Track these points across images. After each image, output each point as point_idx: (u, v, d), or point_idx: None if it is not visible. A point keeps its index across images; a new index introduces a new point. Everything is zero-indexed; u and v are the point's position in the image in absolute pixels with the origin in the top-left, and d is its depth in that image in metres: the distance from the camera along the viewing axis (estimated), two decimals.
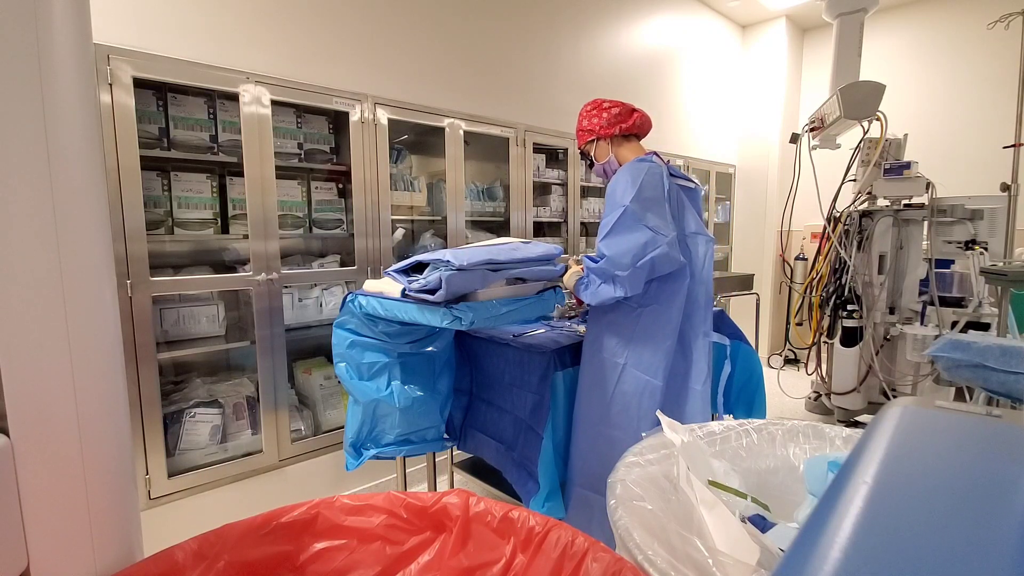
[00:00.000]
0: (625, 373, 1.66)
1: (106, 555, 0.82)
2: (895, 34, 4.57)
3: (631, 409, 1.64)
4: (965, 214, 2.65)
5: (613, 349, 1.68)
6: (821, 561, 0.42)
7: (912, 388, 2.88)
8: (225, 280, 2.03)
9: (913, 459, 0.59)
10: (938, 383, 2.73)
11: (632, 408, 1.65)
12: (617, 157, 1.83)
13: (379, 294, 1.64)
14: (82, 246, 0.77)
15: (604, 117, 1.81)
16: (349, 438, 1.83)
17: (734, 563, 0.66)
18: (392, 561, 0.97)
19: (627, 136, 1.83)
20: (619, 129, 1.81)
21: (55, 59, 0.72)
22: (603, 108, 1.82)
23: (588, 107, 1.86)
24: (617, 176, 1.70)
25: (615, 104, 1.82)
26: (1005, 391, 1.26)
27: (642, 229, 1.60)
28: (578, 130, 1.89)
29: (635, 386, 1.65)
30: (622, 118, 1.81)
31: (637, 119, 1.82)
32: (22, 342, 0.71)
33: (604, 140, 1.82)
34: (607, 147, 1.83)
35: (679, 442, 0.96)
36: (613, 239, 1.61)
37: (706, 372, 1.71)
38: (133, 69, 1.74)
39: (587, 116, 1.85)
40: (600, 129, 1.81)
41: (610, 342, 1.69)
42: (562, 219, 3.34)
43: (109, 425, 0.83)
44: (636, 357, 1.66)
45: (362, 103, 2.30)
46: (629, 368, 1.66)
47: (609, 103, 1.83)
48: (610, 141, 1.83)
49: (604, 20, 3.59)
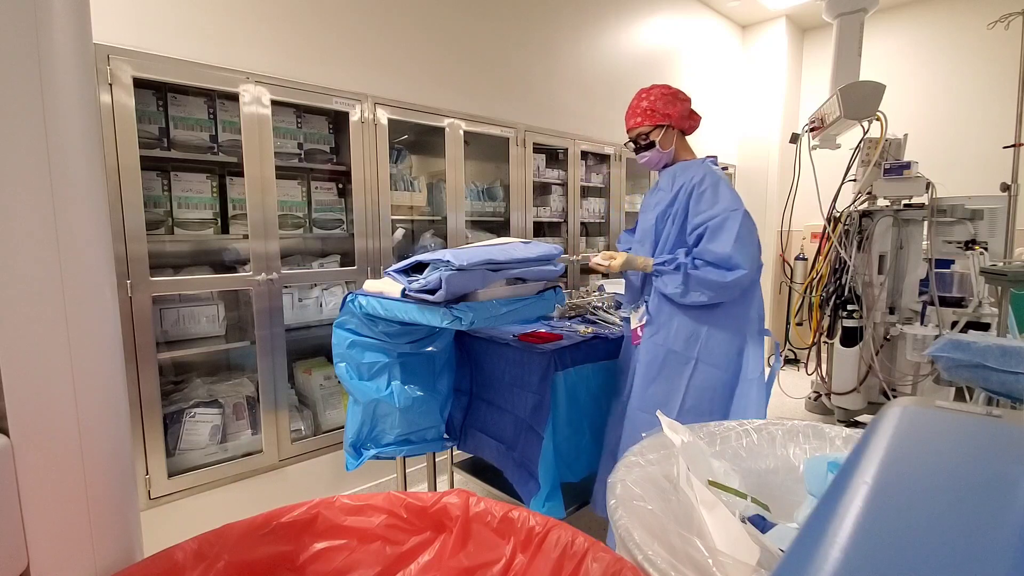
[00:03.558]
0: (698, 368, 1.69)
1: (106, 555, 0.82)
2: (895, 34, 4.57)
3: (703, 403, 1.68)
4: (965, 214, 2.64)
5: (685, 344, 1.70)
6: (821, 561, 0.42)
7: (912, 388, 2.88)
8: (225, 280, 2.03)
9: (913, 459, 0.59)
10: (938, 383, 2.73)
11: (704, 402, 1.68)
12: (677, 150, 1.82)
13: (379, 294, 1.64)
14: (82, 246, 0.77)
15: (680, 108, 1.79)
16: (349, 438, 1.83)
17: (734, 563, 0.66)
18: (392, 561, 0.97)
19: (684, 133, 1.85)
20: (688, 125, 1.82)
21: (55, 59, 0.72)
22: (679, 98, 1.80)
23: (663, 91, 1.79)
24: (707, 176, 1.69)
25: (688, 98, 1.82)
26: (1005, 391, 1.26)
27: (756, 233, 1.65)
28: (646, 110, 1.78)
29: (708, 380, 1.68)
30: (692, 115, 1.83)
31: (697, 120, 1.85)
32: (22, 342, 0.71)
33: (674, 130, 1.80)
34: (673, 137, 1.81)
35: (679, 442, 0.96)
36: (742, 245, 1.60)
37: (763, 363, 1.73)
38: (133, 69, 1.74)
39: (663, 100, 1.78)
40: (677, 119, 1.78)
41: (680, 337, 1.70)
42: (562, 219, 3.34)
43: (109, 425, 0.83)
44: (708, 352, 1.68)
45: (362, 103, 2.30)
46: (701, 364, 1.68)
47: (683, 95, 1.81)
48: (678, 133, 1.82)
49: (604, 20, 3.59)
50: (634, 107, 1.81)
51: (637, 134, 1.83)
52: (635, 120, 1.81)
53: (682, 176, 1.76)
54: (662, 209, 1.78)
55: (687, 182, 1.72)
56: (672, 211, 1.75)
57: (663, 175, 1.86)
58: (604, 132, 3.60)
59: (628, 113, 1.84)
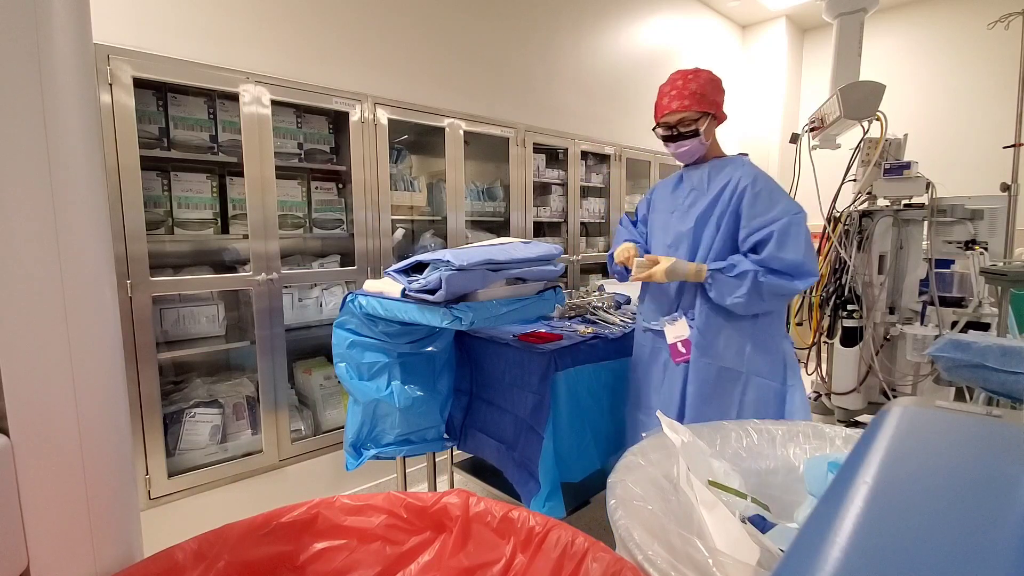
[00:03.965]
0: (749, 382, 1.61)
1: (106, 555, 0.82)
2: (895, 34, 4.57)
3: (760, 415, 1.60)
4: (965, 214, 2.64)
5: (735, 357, 1.62)
6: (821, 561, 0.42)
7: (912, 388, 2.88)
8: (225, 280, 2.03)
9: (913, 459, 0.59)
10: (938, 383, 2.73)
11: (761, 414, 1.60)
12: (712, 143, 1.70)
13: (379, 294, 1.64)
14: (82, 246, 0.77)
15: (722, 98, 1.65)
16: (349, 438, 1.83)
17: (734, 563, 0.66)
18: (392, 561, 0.97)
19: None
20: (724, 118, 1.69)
21: (55, 59, 0.72)
22: (722, 88, 1.65)
23: (711, 76, 1.62)
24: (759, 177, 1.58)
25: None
26: (1005, 391, 1.26)
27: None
28: (695, 93, 1.59)
29: (759, 392, 1.61)
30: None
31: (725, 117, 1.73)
32: (22, 342, 0.71)
33: (716, 121, 1.66)
34: (713, 129, 1.67)
35: (679, 442, 0.96)
36: (810, 250, 1.50)
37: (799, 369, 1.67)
38: (133, 69, 1.74)
39: (711, 86, 1.61)
40: (719, 109, 1.64)
41: (730, 351, 1.62)
42: (562, 219, 3.34)
43: (109, 425, 0.83)
44: (754, 364, 1.61)
45: (362, 103, 2.30)
46: (751, 377, 1.61)
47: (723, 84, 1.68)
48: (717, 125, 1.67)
49: (604, 20, 3.59)
50: (680, 89, 1.60)
51: (680, 119, 1.61)
52: (682, 103, 1.59)
53: (721, 175, 1.63)
54: (701, 211, 1.63)
55: (733, 182, 1.59)
56: (715, 213, 1.61)
57: (691, 173, 1.72)
58: (604, 132, 3.60)
59: (670, 95, 1.61)
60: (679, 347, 1.66)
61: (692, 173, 1.72)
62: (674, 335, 1.67)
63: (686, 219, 1.67)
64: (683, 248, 1.67)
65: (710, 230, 1.63)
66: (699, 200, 1.66)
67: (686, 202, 1.70)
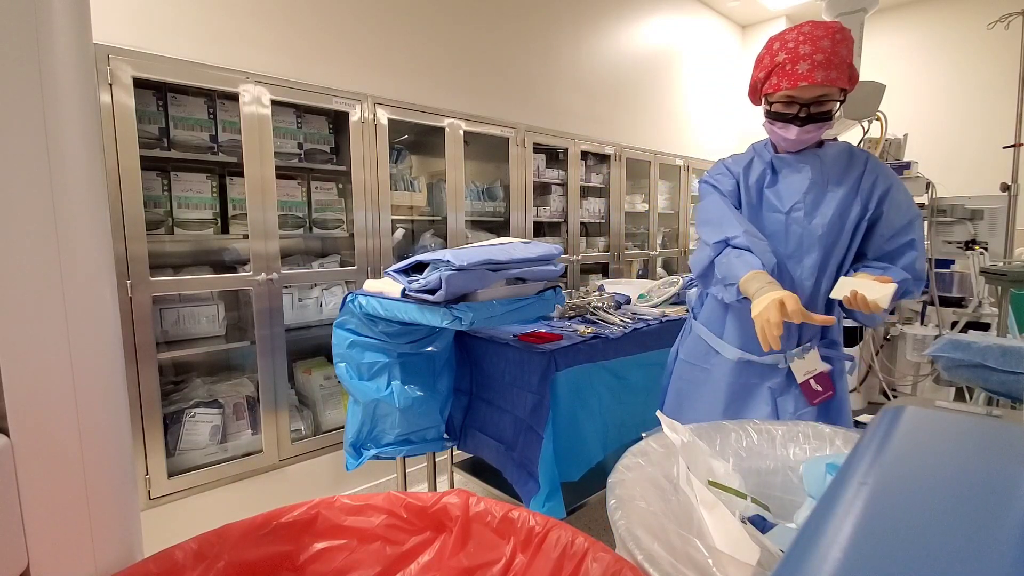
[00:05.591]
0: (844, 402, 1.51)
1: (106, 555, 0.82)
2: (895, 34, 4.57)
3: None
4: (965, 214, 2.65)
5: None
6: (821, 561, 0.42)
7: (912, 388, 2.88)
8: (225, 280, 2.03)
9: (913, 459, 0.59)
10: (938, 383, 2.73)
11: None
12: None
13: (379, 294, 1.64)
14: (82, 246, 0.77)
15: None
16: (349, 438, 1.84)
17: (734, 563, 0.66)
18: (392, 561, 0.97)
19: None
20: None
21: (55, 59, 0.72)
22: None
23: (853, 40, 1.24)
24: (888, 170, 1.33)
25: None
26: (1005, 391, 1.26)
27: None
28: (845, 63, 1.21)
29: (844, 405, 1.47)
30: None
31: None
32: (22, 342, 0.71)
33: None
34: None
35: (679, 442, 0.96)
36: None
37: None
38: (133, 69, 1.74)
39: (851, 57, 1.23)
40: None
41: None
42: (562, 219, 3.34)
43: (109, 425, 0.83)
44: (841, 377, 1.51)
45: (362, 103, 2.30)
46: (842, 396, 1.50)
47: None
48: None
49: (604, 20, 3.59)
50: (830, 55, 1.19)
51: (821, 96, 1.23)
52: (829, 74, 1.19)
53: (843, 169, 1.32)
54: (835, 213, 1.31)
55: (868, 181, 1.30)
56: (852, 217, 1.31)
57: (797, 160, 1.36)
58: (604, 132, 3.61)
59: (814, 60, 1.19)
60: (812, 384, 1.37)
61: (800, 161, 1.35)
62: (804, 371, 1.37)
63: (812, 222, 1.32)
64: (811, 258, 1.34)
65: (845, 237, 1.32)
66: (825, 199, 1.32)
67: (806, 199, 1.33)
